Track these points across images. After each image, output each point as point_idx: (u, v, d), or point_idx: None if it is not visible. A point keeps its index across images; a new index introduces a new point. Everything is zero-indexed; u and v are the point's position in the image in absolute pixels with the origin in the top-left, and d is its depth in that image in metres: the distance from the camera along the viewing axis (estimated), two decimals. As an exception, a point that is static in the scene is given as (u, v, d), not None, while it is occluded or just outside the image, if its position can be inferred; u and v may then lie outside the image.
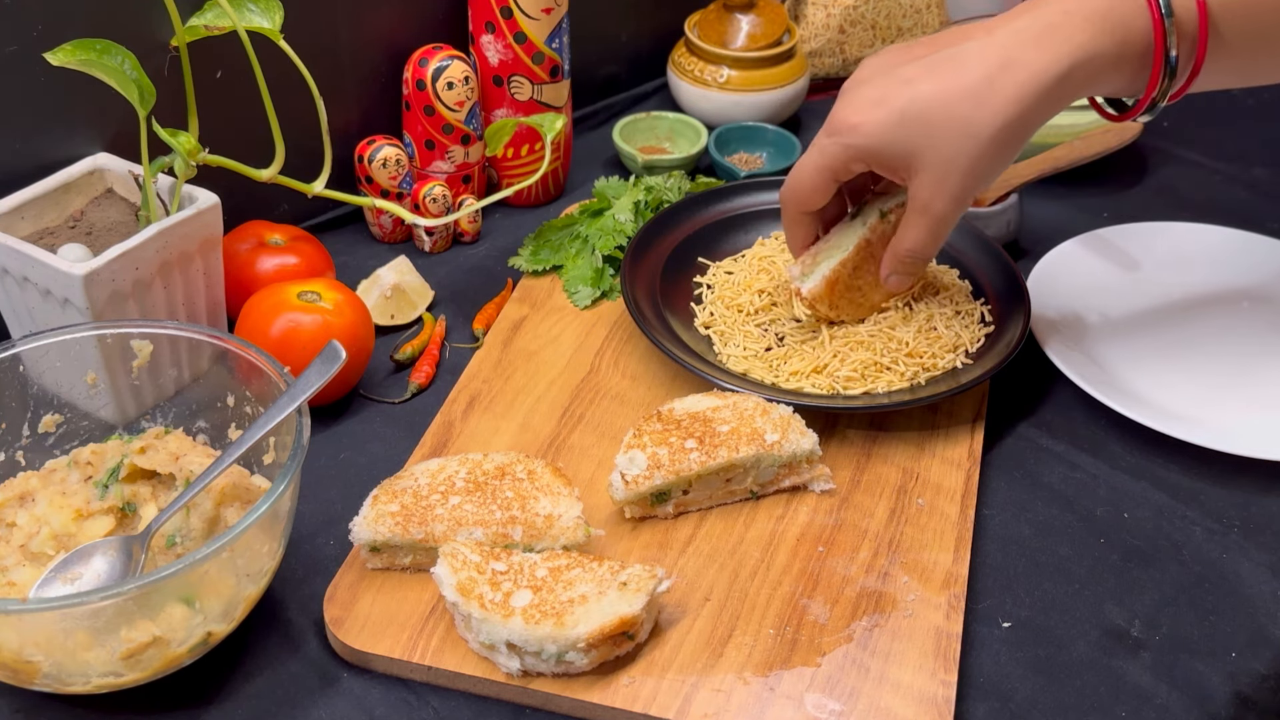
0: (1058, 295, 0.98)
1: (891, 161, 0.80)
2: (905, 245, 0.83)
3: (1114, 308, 0.99)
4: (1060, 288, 0.99)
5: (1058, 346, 0.92)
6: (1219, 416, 0.89)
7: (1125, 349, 0.95)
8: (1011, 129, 0.76)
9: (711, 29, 1.22)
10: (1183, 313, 0.99)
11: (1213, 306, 1.00)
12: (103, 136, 0.90)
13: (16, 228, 0.84)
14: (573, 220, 1.04)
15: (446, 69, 1.01)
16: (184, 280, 0.85)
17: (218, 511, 0.73)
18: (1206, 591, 0.77)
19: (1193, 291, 1.01)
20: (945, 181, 0.78)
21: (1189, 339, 0.96)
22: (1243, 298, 1.01)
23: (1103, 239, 1.05)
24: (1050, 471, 0.86)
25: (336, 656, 0.72)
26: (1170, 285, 1.02)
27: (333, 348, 0.72)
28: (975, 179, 0.78)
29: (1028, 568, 0.79)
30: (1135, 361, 0.94)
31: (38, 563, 0.71)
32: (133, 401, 0.80)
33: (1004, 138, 0.76)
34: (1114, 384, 0.91)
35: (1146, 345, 0.95)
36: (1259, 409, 0.90)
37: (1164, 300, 1.00)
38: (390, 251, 1.04)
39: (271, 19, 0.85)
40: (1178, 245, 1.06)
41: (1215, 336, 0.97)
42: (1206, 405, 0.90)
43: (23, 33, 0.84)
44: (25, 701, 0.69)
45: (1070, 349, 0.92)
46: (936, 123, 0.77)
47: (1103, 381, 0.89)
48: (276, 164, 0.88)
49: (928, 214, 0.80)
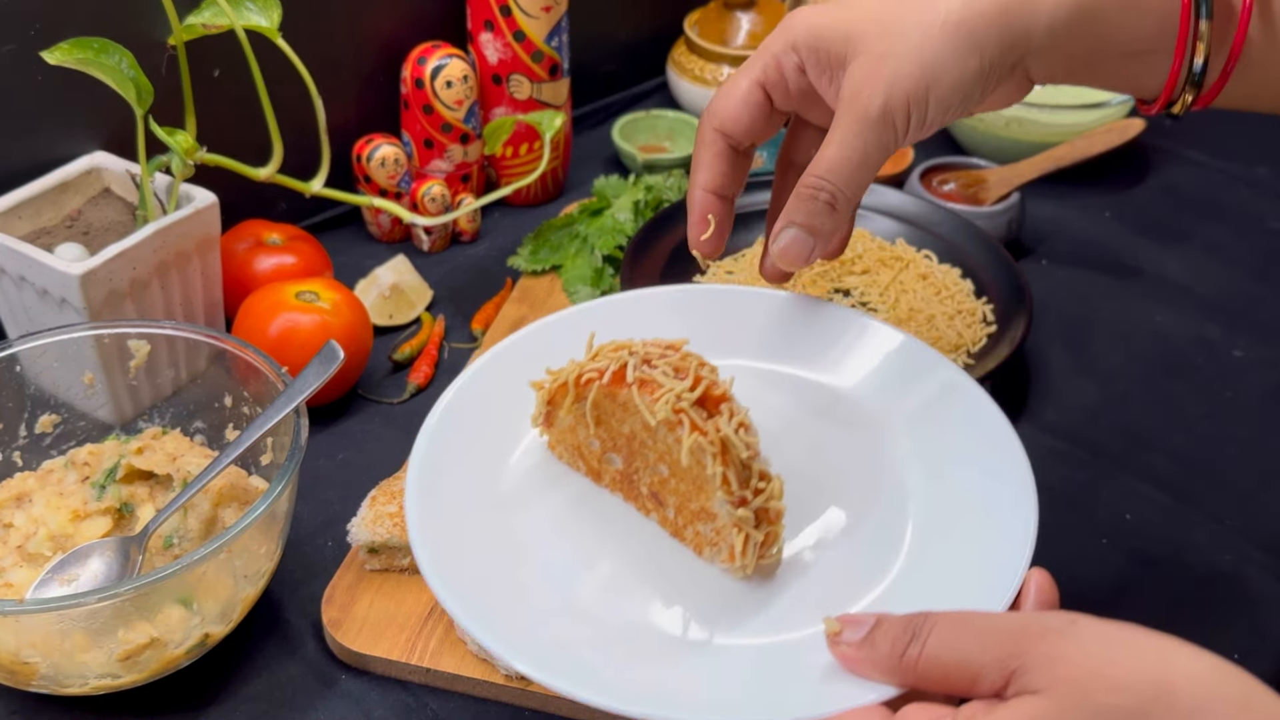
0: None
1: (829, 48, 0.62)
2: (820, 163, 0.62)
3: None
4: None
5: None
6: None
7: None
8: (975, 24, 0.59)
9: (712, 27, 1.21)
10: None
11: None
12: (100, 135, 0.89)
13: (13, 227, 0.83)
14: (572, 219, 1.04)
15: (445, 67, 1.00)
16: (181, 280, 0.85)
17: (215, 512, 0.73)
18: (1209, 593, 0.77)
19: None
20: (881, 65, 0.60)
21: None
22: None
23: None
24: (1052, 472, 0.85)
25: (334, 658, 0.72)
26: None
27: (331, 348, 0.72)
28: (919, 74, 0.59)
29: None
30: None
31: (35, 564, 0.70)
32: (130, 402, 0.80)
33: (964, 31, 0.59)
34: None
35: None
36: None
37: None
38: (389, 251, 1.04)
39: (269, 17, 0.85)
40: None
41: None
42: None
43: (20, 31, 0.84)
44: (22, 703, 0.69)
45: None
46: (887, 5, 0.61)
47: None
48: (274, 163, 0.87)
49: (852, 109, 0.60)
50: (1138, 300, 1.02)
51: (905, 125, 0.61)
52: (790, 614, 0.57)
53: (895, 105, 0.60)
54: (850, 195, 0.62)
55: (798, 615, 0.57)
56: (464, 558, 0.58)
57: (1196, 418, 0.90)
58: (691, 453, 0.57)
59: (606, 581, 0.59)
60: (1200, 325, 0.99)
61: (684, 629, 0.57)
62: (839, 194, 0.62)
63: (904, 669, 0.50)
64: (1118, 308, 1.01)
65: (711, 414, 0.57)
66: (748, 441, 0.57)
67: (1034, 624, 0.49)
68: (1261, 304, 1.02)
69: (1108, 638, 0.48)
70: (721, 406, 0.58)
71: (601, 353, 0.61)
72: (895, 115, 0.60)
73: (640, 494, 0.62)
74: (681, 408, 0.57)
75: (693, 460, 0.57)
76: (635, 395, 0.58)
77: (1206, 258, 1.07)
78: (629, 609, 0.58)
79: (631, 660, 0.55)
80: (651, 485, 0.61)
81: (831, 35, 0.62)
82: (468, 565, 0.58)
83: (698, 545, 0.60)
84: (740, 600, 0.58)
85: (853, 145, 0.61)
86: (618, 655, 0.55)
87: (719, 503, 0.57)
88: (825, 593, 0.58)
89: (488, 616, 0.55)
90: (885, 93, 0.60)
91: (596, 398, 0.60)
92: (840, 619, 0.52)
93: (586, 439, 0.63)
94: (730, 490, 0.56)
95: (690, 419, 0.57)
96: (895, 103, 0.60)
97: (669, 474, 0.60)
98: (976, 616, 0.50)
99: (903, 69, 0.59)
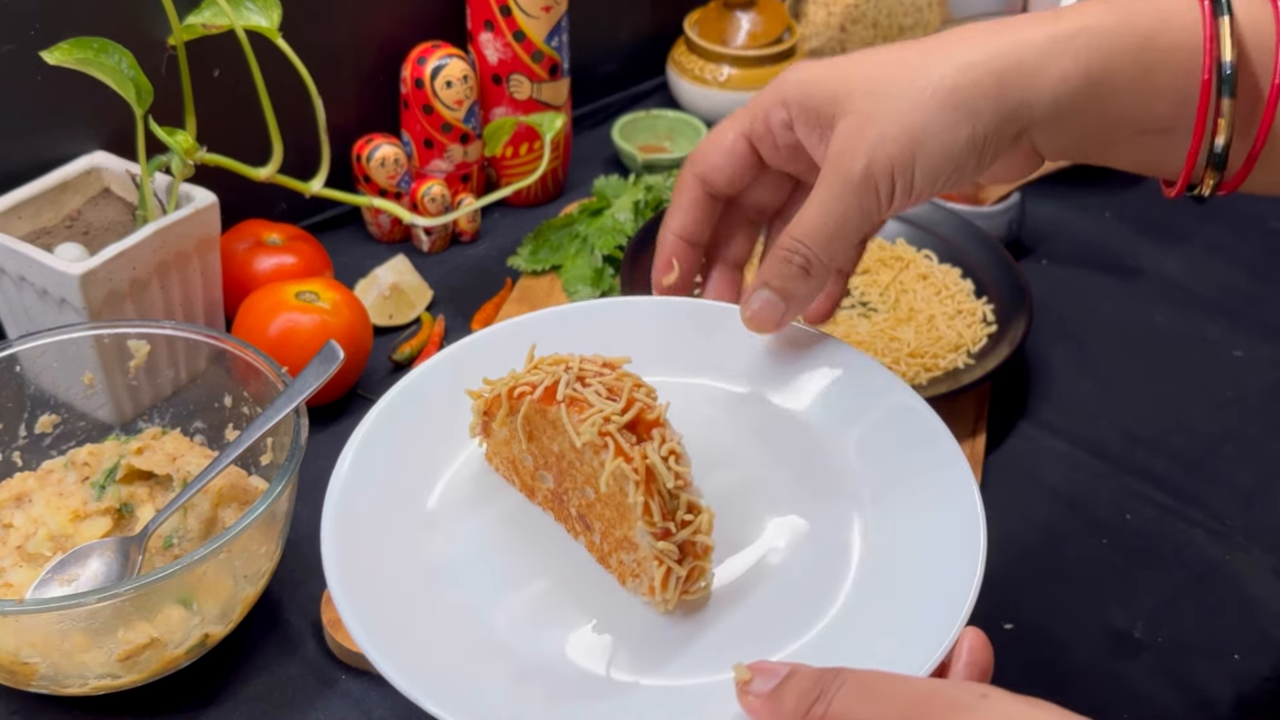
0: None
1: (819, 106, 0.59)
2: (798, 225, 0.59)
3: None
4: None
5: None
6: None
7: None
8: (969, 92, 0.56)
9: (712, 27, 1.21)
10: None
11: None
12: (100, 135, 0.89)
13: (13, 227, 0.83)
14: (572, 219, 1.04)
15: (445, 67, 1.00)
16: (181, 280, 0.85)
17: (215, 512, 0.73)
18: (1209, 593, 0.77)
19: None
20: (867, 127, 0.57)
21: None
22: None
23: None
24: (1052, 472, 0.85)
25: (334, 658, 0.72)
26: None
27: (331, 348, 0.72)
28: (905, 139, 0.56)
29: (1029, 569, 0.78)
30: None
31: (34, 564, 0.70)
32: (130, 402, 0.80)
33: (957, 98, 0.56)
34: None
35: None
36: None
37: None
38: (388, 251, 1.04)
39: (269, 17, 0.85)
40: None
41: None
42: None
43: (19, 31, 0.84)
44: (22, 703, 0.69)
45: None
46: (882, 64, 0.58)
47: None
48: (274, 163, 0.87)
49: (835, 170, 0.58)
50: (1138, 300, 1.02)
51: (889, 191, 0.58)
52: (710, 655, 0.54)
53: (878, 169, 0.57)
54: (826, 260, 0.59)
55: (717, 657, 0.54)
56: (382, 581, 0.56)
57: (1196, 418, 0.90)
58: (614, 478, 0.54)
59: (528, 613, 0.57)
60: (1200, 325, 0.99)
61: (604, 666, 0.54)
62: (814, 259, 0.59)
63: None
64: (1118, 308, 1.01)
65: (642, 439, 0.55)
66: (677, 471, 0.54)
67: (943, 695, 0.47)
68: (1261, 304, 1.02)
69: (1015, 717, 0.46)
70: (653, 432, 0.55)
71: (540, 365, 0.59)
72: (878, 179, 0.57)
73: (569, 515, 0.60)
74: (608, 430, 0.54)
75: (615, 486, 0.55)
76: (563, 413, 0.55)
77: (1206, 258, 1.07)
78: (546, 643, 0.55)
79: (546, 699, 0.53)
80: (579, 507, 0.59)
81: (821, 93, 0.60)
82: (384, 588, 0.56)
83: (621, 575, 0.58)
84: (660, 637, 0.56)
85: (831, 208, 0.58)
86: (531, 693, 0.53)
87: (640, 533, 0.54)
88: (749, 635, 0.55)
89: (399, 648, 0.53)
90: (868, 155, 0.57)
91: (528, 412, 0.58)
92: (751, 666, 0.50)
93: (520, 454, 0.61)
94: (652, 521, 0.54)
95: (616, 443, 0.54)
96: (878, 167, 0.57)
97: (595, 498, 0.57)
98: (888, 679, 0.48)
99: (889, 132, 0.57)
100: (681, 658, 0.55)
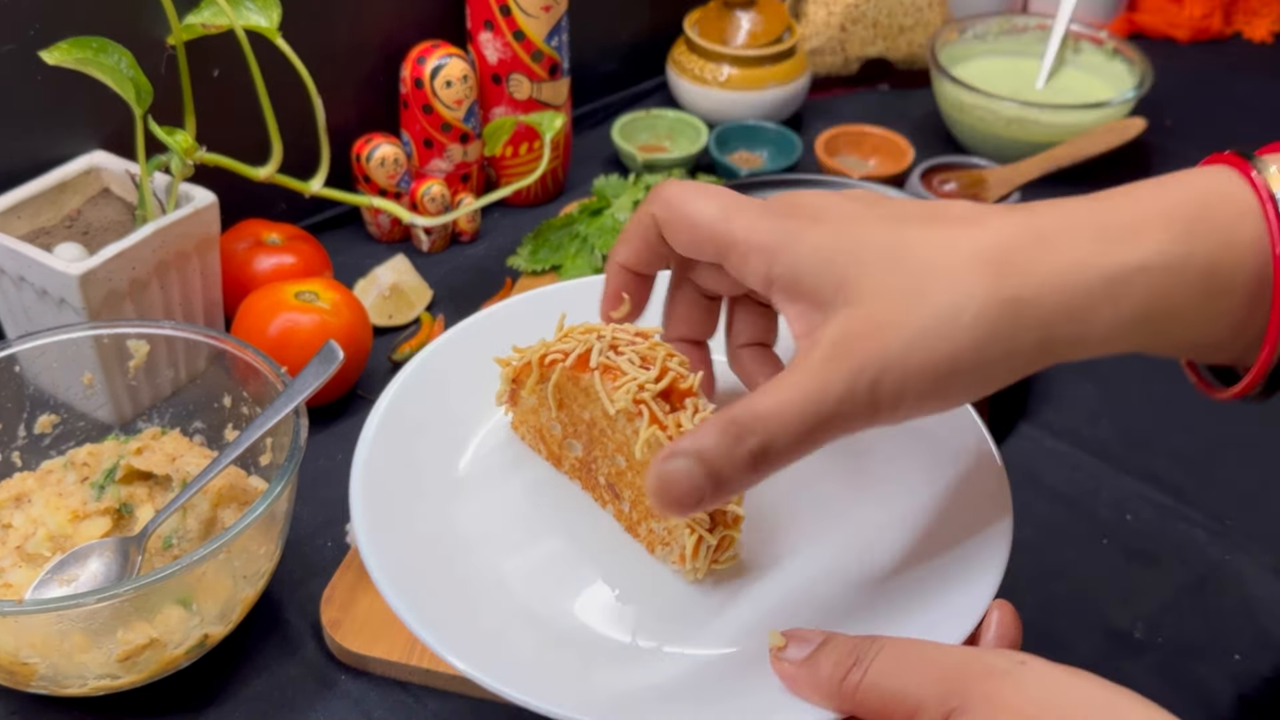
0: None
1: (799, 280, 0.50)
2: (766, 400, 0.47)
3: None
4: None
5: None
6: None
7: None
8: (1012, 328, 0.48)
9: (712, 27, 1.21)
10: None
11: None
12: (99, 135, 0.89)
13: (12, 227, 0.83)
14: (572, 219, 1.04)
15: (445, 67, 1.00)
16: (181, 280, 0.85)
17: (215, 513, 0.73)
18: (1209, 593, 0.77)
19: None
20: (880, 338, 0.47)
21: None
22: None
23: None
24: (1052, 473, 0.85)
25: (334, 659, 0.72)
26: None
27: (330, 348, 0.72)
28: (930, 371, 0.47)
29: (1030, 569, 0.78)
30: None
31: (34, 564, 0.70)
32: (129, 402, 0.80)
33: (998, 332, 0.47)
34: None
35: None
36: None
37: None
38: (388, 251, 1.04)
39: (269, 17, 0.85)
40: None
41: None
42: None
43: (18, 31, 0.84)
44: (22, 704, 0.69)
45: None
46: (914, 255, 0.49)
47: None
48: (274, 163, 0.87)
49: (835, 365, 0.47)
50: (1138, 300, 1.02)
51: (890, 413, 0.48)
52: (739, 625, 0.55)
53: (885, 391, 0.47)
54: (785, 458, 0.47)
55: (746, 627, 0.54)
56: (410, 547, 0.56)
57: (1196, 418, 0.90)
58: (648, 445, 0.54)
59: (555, 579, 0.57)
60: (1200, 325, 0.99)
61: (630, 634, 0.55)
62: (771, 450, 0.47)
63: (843, 694, 0.48)
64: (1118, 308, 1.01)
65: (675, 408, 0.55)
66: None
67: (980, 661, 0.46)
68: (1262, 304, 1.01)
69: (1054, 684, 0.45)
70: (686, 401, 0.55)
71: (571, 334, 0.59)
72: (881, 400, 0.47)
73: (598, 484, 0.60)
74: (643, 399, 0.54)
75: (648, 454, 0.54)
76: (597, 381, 0.56)
77: (1207, 257, 1.07)
78: (574, 609, 0.56)
79: (573, 663, 0.53)
80: (609, 476, 0.59)
81: (813, 266, 0.50)
82: (413, 555, 0.56)
83: (650, 543, 0.58)
84: (690, 605, 0.56)
85: (819, 406, 0.47)
86: (559, 657, 0.53)
87: None
88: (779, 606, 0.55)
89: (428, 607, 0.53)
90: (877, 373, 0.47)
91: (559, 380, 0.59)
92: (786, 633, 0.50)
93: (549, 422, 0.61)
94: None
95: (650, 411, 0.54)
96: (886, 389, 0.47)
97: (626, 466, 0.57)
98: (924, 647, 0.47)
99: (911, 360, 0.47)
100: (711, 627, 0.55)
